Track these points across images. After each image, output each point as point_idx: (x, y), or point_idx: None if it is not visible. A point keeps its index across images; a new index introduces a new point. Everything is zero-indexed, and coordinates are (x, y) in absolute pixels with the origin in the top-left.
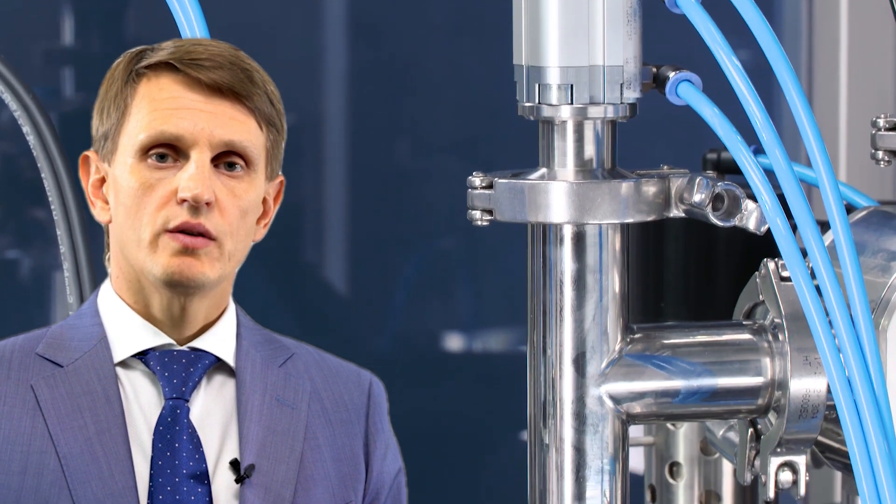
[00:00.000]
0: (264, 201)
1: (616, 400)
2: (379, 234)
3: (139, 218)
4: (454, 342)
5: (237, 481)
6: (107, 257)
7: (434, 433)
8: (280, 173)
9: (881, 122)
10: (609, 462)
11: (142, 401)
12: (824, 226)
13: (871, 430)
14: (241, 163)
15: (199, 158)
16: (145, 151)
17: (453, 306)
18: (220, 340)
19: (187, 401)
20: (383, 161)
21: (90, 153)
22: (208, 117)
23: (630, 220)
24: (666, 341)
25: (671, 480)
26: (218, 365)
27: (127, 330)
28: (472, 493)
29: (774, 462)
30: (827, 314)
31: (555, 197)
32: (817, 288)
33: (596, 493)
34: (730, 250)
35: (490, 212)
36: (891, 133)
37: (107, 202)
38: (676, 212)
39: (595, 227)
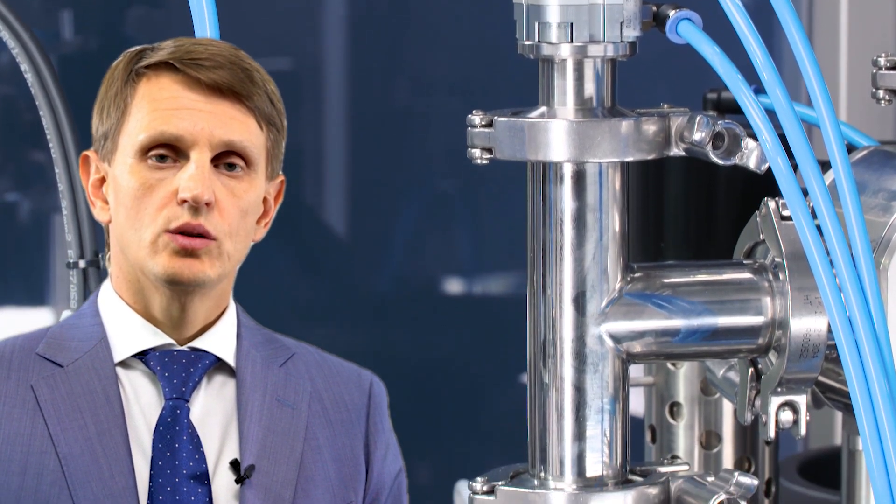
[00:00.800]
0: (265, 201)
1: (616, 339)
2: (378, 176)
3: (139, 219)
4: (453, 285)
5: (237, 482)
6: (107, 257)
7: (433, 376)
8: (280, 173)
9: (882, 61)
10: (609, 401)
11: (142, 401)
12: (825, 165)
13: (872, 370)
14: (241, 163)
15: (199, 159)
16: (145, 152)
17: (453, 249)
18: (221, 340)
19: (187, 401)
20: (382, 103)
21: (90, 153)
22: (208, 117)
23: (630, 159)
24: (666, 280)
25: (671, 421)
26: (218, 365)
27: (127, 330)
28: (471, 436)
29: (775, 402)
30: (828, 253)
31: (554, 135)
32: (818, 227)
33: (596, 432)
34: (730, 189)
35: (490, 150)
36: (891, 72)
37: (107, 202)
38: (677, 150)
39: (595, 166)
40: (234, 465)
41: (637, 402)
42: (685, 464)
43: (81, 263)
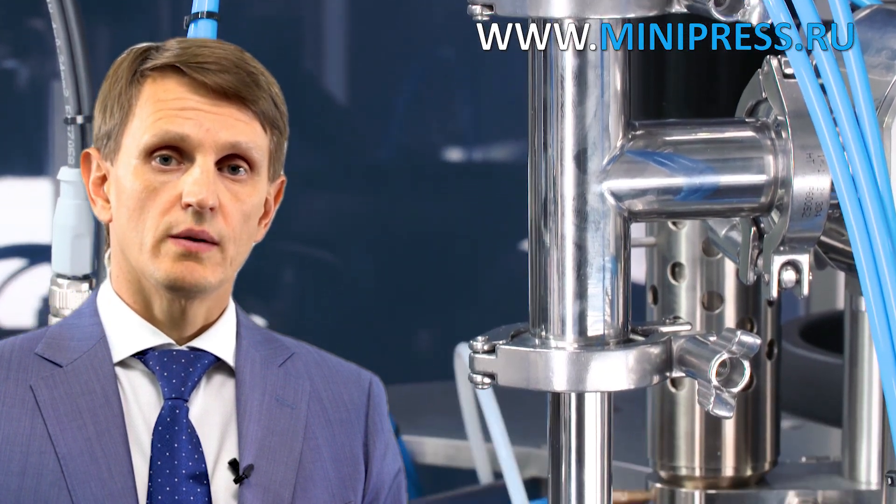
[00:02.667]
0: (265, 201)
1: (617, 197)
2: (378, 44)
3: (142, 221)
4: (454, 153)
5: (236, 481)
6: (106, 255)
7: (433, 244)
8: (282, 173)
9: None
10: (611, 260)
11: (141, 401)
12: (828, 24)
13: (875, 229)
14: (245, 166)
15: (204, 162)
16: (150, 153)
17: (453, 117)
18: (220, 340)
19: (186, 401)
20: None
21: (91, 150)
22: (214, 119)
23: (631, 15)
24: (668, 138)
25: (673, 281)
26: (217, 365)
27: (126, 330)
28: (471, 303)
29: (777, 261)
30: (831, 111)
31: None
32: (821, 86)
33: (597, 290)
34: (732, 58)
35: (490, 7)
36: None
37: (108, 201)
38: (678, 7)
39: (597, 22)
40: (233, 464)
41: (638, 270)
42: (687, 323)
43: (79, 119)
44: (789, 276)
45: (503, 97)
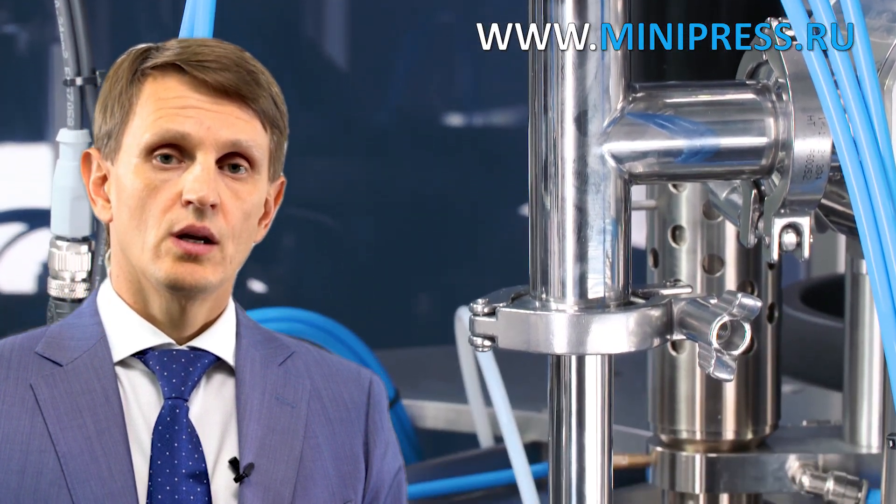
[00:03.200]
0: (265, 202)
1: (618, 159)
2: (378, 8)
3: (144, 220)
4: (454, 118)
5: (236, 480)
6: (106, 255)
7: (433, 208)
8: (282, 174)
9: None
10: (611, 223)
11: (141, 400)
12: None
13: (877, 191)
14: (246, 164)
15: (205, 160)
16: (150, 151)
17: (453, 81)
18: (220, 339)
19: (186, 400)
20: None
21: (92, 151)
22: (214, 117)
23: None
24: (668, 100)
25: (673, 244)
26: (217, 364)
27: (126, 329)
28: (471, 267)
29: (778, 224)
30: (832, 73)
31: None
32: (823, 50)
33: (598, 253)
34: (734, 9)
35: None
36: None
37: (108, 200)
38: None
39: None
40: (234, 463)
41: (638, 235)
42: (687, 286)
43: (78, 81)
44: (790, 238)
45: (503, 61)
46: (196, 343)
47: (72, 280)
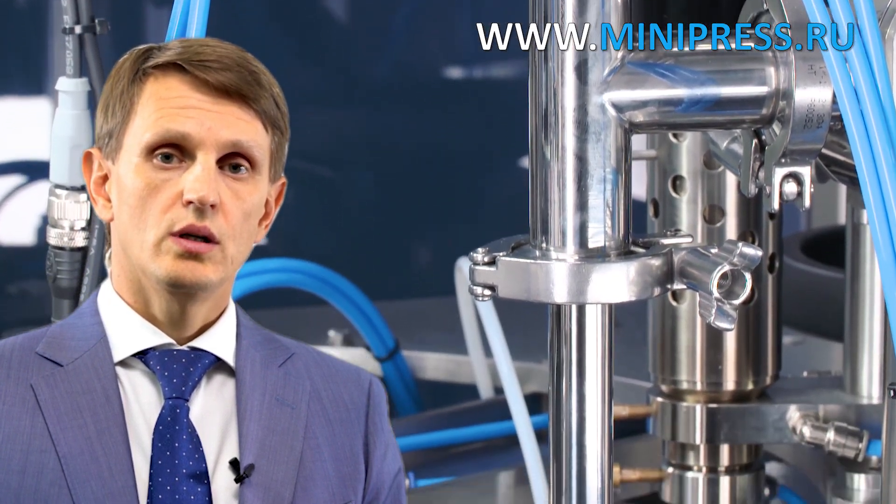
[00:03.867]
0: (266, 203)
1: (618, 108)
2: None
3: (144, 219)
4: (454, 70)
5: (237, 481)
6: (107, 255)
7: (433, 161)
8: (283, 175)
9: None
10: (611, 172)
11: (141, 400)
12: None
13: (877, 140)
14: (246, 164)
15: (205, 160)
16: (151, 151)
17: (453, 34)
18: (220, 340)
19: (187, 400)
20: None
21: (93, 150)
22: (215, 117)
23: None
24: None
25: (674, 194)
26: (218, 364)
27: (127, 329)
28: (472, 219)
29: (779, 173)
30: (833, 22)
31: None
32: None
33: (598, 202)
34: None
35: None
36: None
37: (109, 200)
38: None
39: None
40: (234, 464)
41: (639, 188)
42: (688, 236)
43: (77, 29)
44: (791, 188)
45: (503, 12)
46: (196, 343)
47: (71, 229)
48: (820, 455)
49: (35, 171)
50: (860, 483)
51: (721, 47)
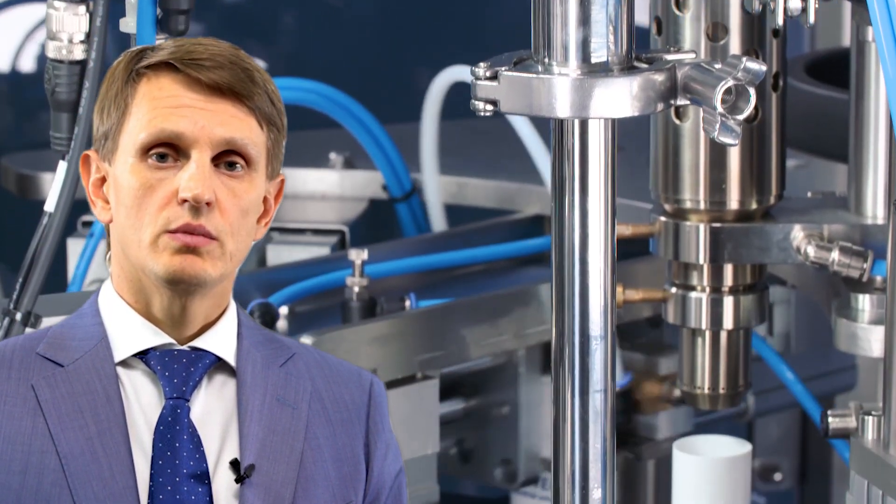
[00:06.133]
0: (265, 200)
1: None
2: None
3: (140, 218)
4: None
5: (237, 481)
6: (107, 256)
7: None
8: (281, 172)
9: None
10: None
11: (142, 400)
12: None
13: None
14: (242, 162)
15: (200, 158)
16: (146, 151)
17: None
18: (221, 340)
19: (188, 400)
20: None
21: (90, 152)
22: (209, 116)
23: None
24: None
25: (677, 12)
26: (218, 364)
27: (127, 329)
28: (475, 42)
29: None
30: None
31: None
32: None
33: (601, 17)
34: None
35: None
36: None
37: (107, 201)
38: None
39: None
40: (234, 464)
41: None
42: (692, 51)
43: None
44: (795, 3)
45: None
46: (197, 343)
47: (69, 41)
48: (824, 276)
49: None
50: (865, 303)
51: None
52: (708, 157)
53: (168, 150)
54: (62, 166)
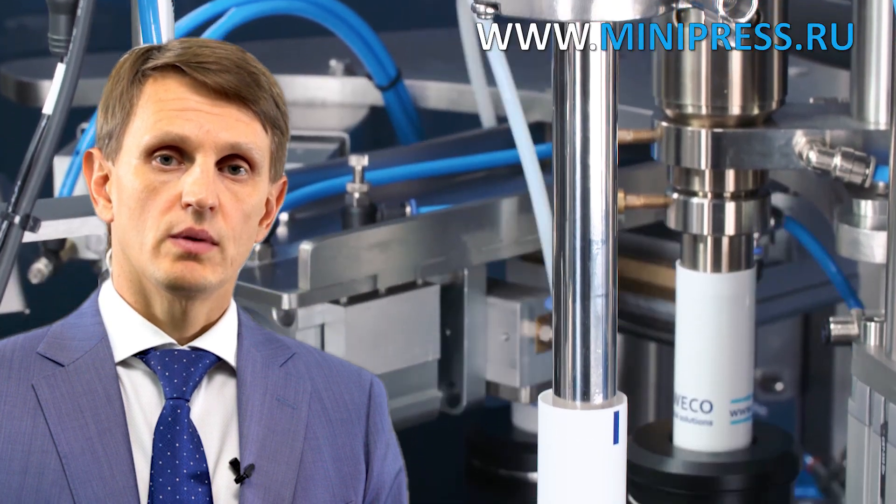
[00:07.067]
0: (266, 202)
1: None
2: None
3: (143, 221)
4: None
5: (237, 481)
6: (108, 255)
7: None
8: (283, 174)
9: None
10: None
11: (142, 400)
12: None
13: None
14: (246, 166)
15: (204, 162)
16: (150, 153)
17: None
18: (221, 340)
19: (188, 400)
20: None
21: (94, 150)
22: (214, 119)
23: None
24: None
25: None
26: (219, 364)
27: (128, 329)
28: None
29: None
30: None
31: None
32: None
33: None
34: None
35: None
36: None
37: (109, 200)
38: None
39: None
40: (234, 464)
41: None
42: None
43: None
44: None
45: None
46: (197, 343)
47: None
48: (826, 182)
49: None
50: (867, 209)
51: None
52: (709, 63)
53: (172, 152)
54: (60, 68)
